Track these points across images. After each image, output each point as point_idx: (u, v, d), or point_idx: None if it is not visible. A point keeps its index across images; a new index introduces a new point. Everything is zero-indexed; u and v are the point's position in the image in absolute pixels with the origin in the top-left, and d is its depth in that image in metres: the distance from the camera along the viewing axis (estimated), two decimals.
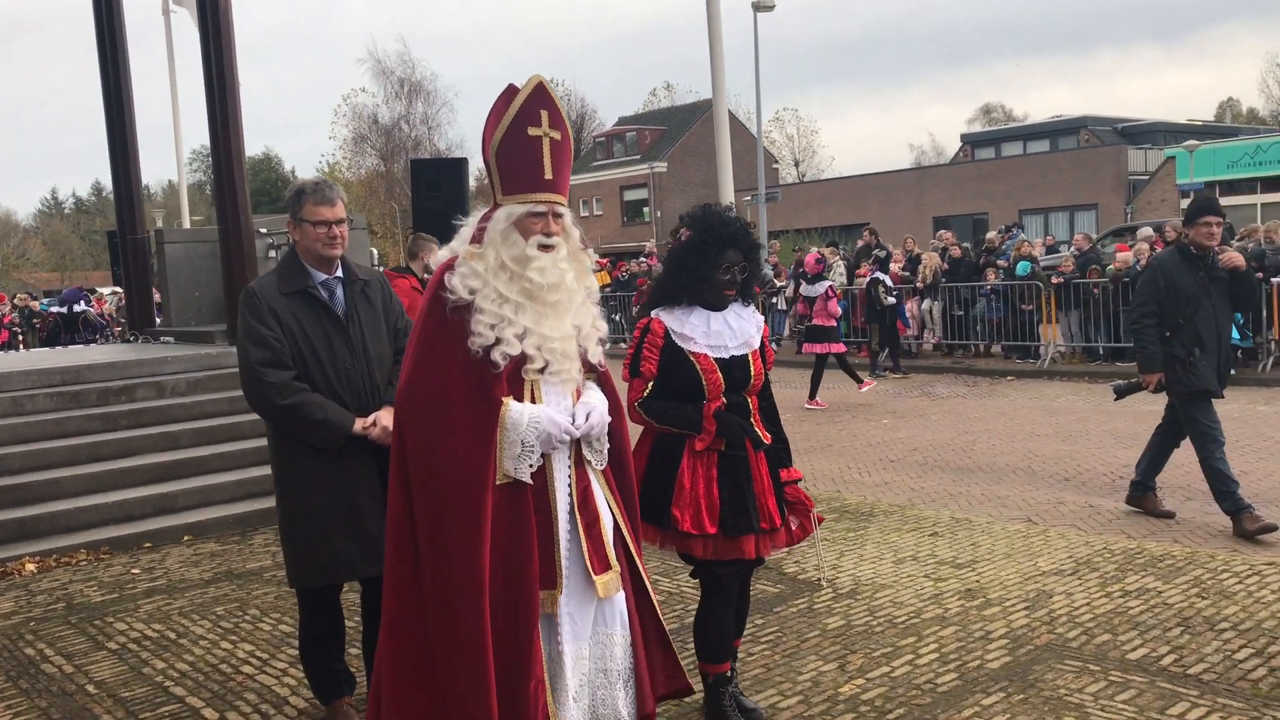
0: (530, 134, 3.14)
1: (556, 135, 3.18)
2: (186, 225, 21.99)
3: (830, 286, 13.43)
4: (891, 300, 16.39)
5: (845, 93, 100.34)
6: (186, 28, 17.30)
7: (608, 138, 56.55)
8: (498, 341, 3.07)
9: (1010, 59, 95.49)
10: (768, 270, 17.88)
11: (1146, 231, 16.91)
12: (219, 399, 8.73)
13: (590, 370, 3.33)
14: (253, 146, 72.35)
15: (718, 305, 3.87)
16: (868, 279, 16.73)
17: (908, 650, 4.69)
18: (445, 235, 11.81)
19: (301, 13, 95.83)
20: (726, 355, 3.82)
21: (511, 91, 3.20)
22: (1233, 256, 6.78)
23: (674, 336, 3.82)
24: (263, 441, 8.37)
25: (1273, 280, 13.47)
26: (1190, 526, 6.85)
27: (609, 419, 3.30)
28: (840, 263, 19.02)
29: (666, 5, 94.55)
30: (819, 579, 5.75)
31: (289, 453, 3.90)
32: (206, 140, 11.26)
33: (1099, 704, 4.02)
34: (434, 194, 9.76)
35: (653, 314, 3.89)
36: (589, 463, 3.29)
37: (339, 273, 4.00)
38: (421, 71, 51.03)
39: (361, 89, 60.11)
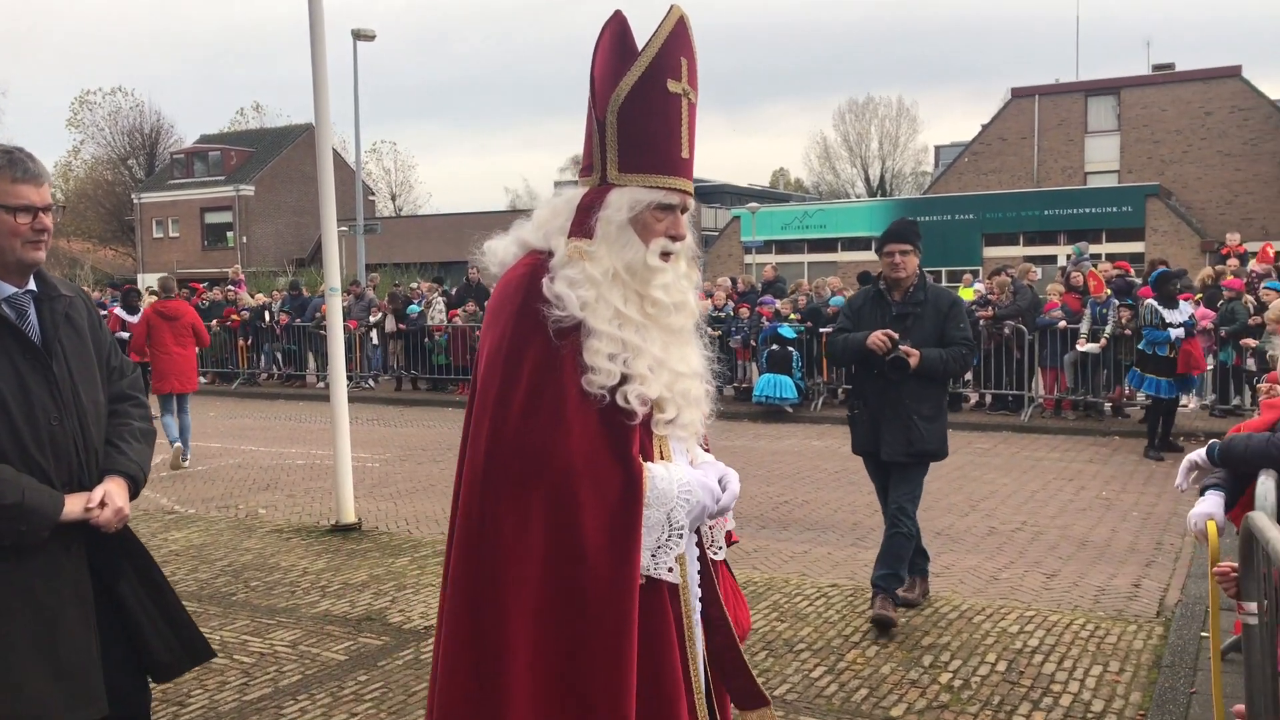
0: (670, 90, 2.27)
1: (694, 96, 2.33)
2: None
3: None
4: None
5: (442, 131, 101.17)
6: None
7: (187, 155, 52.50)
8: (624, 379, 2.19)
9: None
10: None
11: (725, 281, 18.48)
12: None
13: None
14: None
15: None
16: None
17: None
18: None
19: None
20: None
21: (620, 22, 2.30)
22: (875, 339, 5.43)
23: None
24: None
25: (822, 330, 15.27)
26: (766, 554, 7.47)
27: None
28: (440, 300, 18.93)
29: (258, 19, 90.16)
30: None
31: None
32: None
33: None
34: None
35: None
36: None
37: (32, 285, 2.83)
38: None
39: None
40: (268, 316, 20.52)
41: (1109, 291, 13.33)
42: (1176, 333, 11.04)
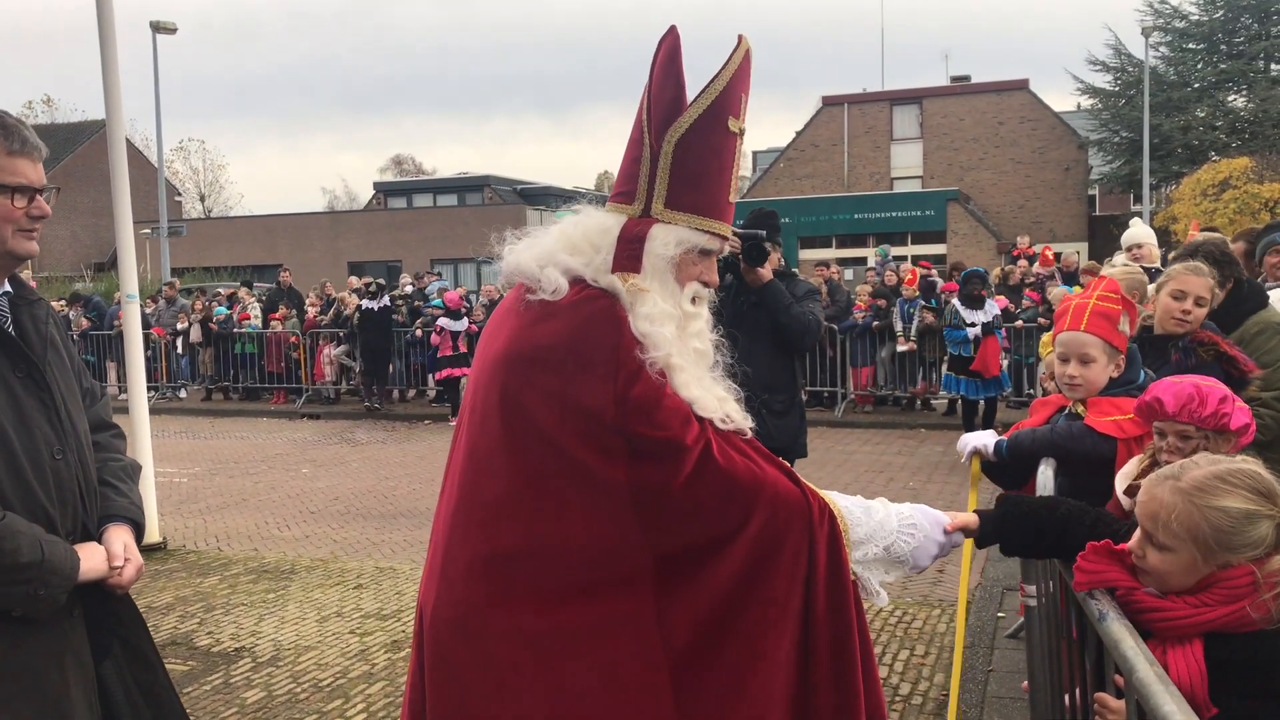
0: (730, 128, 2.09)
1: (742, 139, 2.17)
2: None
3: (474, 324, 14.92)
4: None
5: (252, 130, 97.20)
6: None
7: None
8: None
9: (417, 114, 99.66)
10: None
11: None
12: None
13: None
14: None
15: None
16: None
17: (334, 714, 4.50)
18: None
19: None
20: None
21: (676, 40, 2.09)
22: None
23: None
24: None
25: None
26: None
27: None
28: (255, 304, 18.16)
29: (44, 10, 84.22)
30: None
31: None
32: None
33: None
34: None
35: None
36: None
37: (7, 286, 2.26)
38: None
39: None
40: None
41: (917, 291, 14.01)
42: (974, 331, 11.70)
